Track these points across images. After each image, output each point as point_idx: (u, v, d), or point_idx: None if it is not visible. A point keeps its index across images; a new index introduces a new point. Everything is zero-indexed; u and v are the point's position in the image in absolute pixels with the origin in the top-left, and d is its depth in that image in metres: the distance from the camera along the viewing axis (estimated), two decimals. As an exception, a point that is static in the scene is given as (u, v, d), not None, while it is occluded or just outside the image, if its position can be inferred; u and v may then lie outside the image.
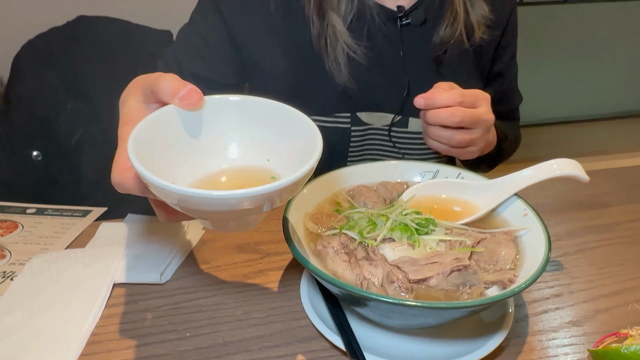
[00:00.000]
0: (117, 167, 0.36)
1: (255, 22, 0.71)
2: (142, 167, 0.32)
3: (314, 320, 0.45)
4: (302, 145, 0.37)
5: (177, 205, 0.33)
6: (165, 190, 0.31)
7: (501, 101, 0.78)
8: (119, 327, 0.47)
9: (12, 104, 1.03)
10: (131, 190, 0.36)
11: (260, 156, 0.40)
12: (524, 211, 0.49)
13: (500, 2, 0.74)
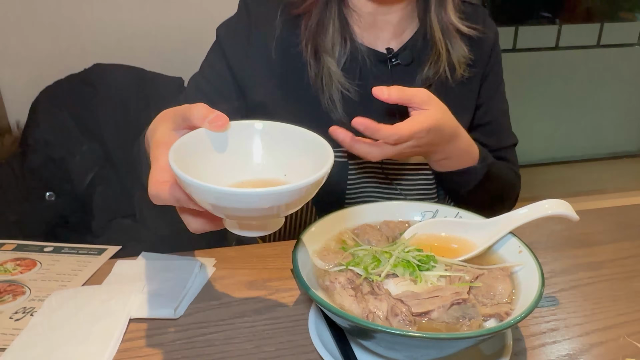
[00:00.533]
0: (153, 182, 0.43)
1: (257, 68, 0.77)
2: (182, 172, 0.38)
3: (322, 353, 0.47)
4: (315, 161, 0.43)
5: (210, 204, 0.39)
6: (202, 188, 0.37)
7: (489, 134, 0.83)
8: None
9: (29, 147, 1.08)
10: (166, 201, 0.42)
11: (278, 171, 0.47)
12: (519, 248, 0.52)
13: (480, 43, 0.79)
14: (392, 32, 0.78)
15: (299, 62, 0.75)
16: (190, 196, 0.40)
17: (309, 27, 0.74)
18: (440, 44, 0.74)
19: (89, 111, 1.12)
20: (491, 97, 0.84)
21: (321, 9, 0.74)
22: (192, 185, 0.37)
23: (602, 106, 2.00)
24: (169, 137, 0.45)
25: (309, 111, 0.75)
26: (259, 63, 0.77)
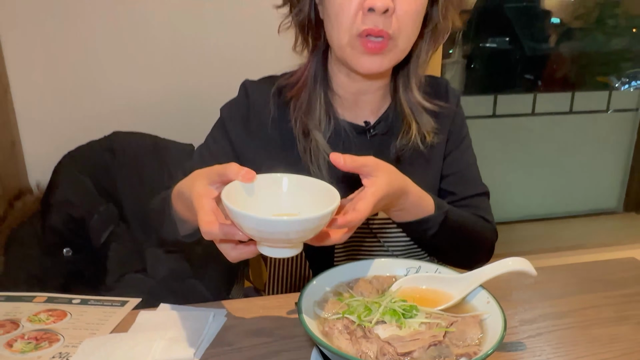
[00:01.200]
0: (204, 223, 0.55)
1: (255, 142, 0.88)
2: (233, 205, 0.52)
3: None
4: (324, 202, 0.56)
5: (256, 229, 0.52)
6: (247, 217, 0.51)
7: (455, 184, 0.92)
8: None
9: (51, 207, 1.18)
10: (216, 236, 0.55)
11: (297, 208, 0.59)
12: (487, 299, 0.61)
13: (444, 114, 0.90)
14: (370, 109, 0.90)
15: (291, 137, 0.86)
16: (239, 226, 0.53)
17: (299, 108, 0.85)
18: (410, 118, 0.86)
19: (107, 174, 1.22)
20: (455, 150, 0.94)
21: (309, 93, 0.86)
22: (245, 217, 0.51)
23: (578, 166, 2.14)
24: (206, 190, 0.59)
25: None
26: (256, 139, 0.88)
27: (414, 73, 0.86)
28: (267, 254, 0.57)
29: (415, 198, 0.76)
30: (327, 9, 0.78)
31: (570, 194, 2.17)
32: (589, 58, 2.33)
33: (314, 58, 0.87)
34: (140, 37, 1.37)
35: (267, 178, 0.61)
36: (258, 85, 0.91)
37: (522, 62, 2.26)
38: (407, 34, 0.77)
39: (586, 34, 2.37)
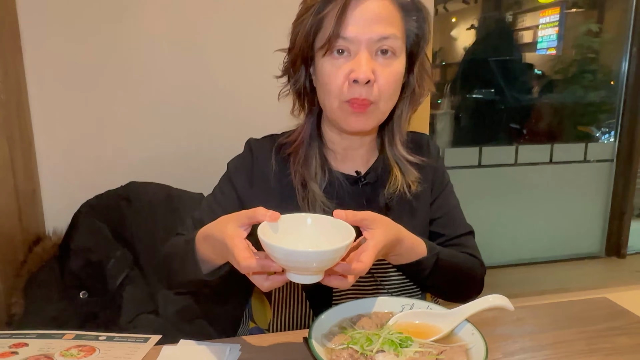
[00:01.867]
0: (242, 259, 0.65)
1: (258, 193, 0.98)
2: (269, 240, 0.63)
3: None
4: (341, 236, 0.68)
5: (281, 259, 0.64)
6: (279, 249, 0.63)
7: (443, 225, 1.02)
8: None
9: (71, 251, 1.26)
10: (253, 268, 0.65)
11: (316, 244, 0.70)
12: (472, 331, 0.71)
13: (426, 165, 1.02)
14: (360, 162, 1.01)
15: (290, 188, 0.96)
16: (274, 258, 0.64)
17: (297, 162, 0.97)
18: (396, 169, 0.98)
19: (124, 221, 1.32)
20: (440, 197, 1.05)
21: (306, 149, 0.97)
22: (277, 249, 0.63)
23: (561, 213, 2.25)
24: (238, 232, 0.70)
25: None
26: (260, 191, 0.98)
27: (397, 130, 0.99)
28: (295, 280, 0.68)
29: (409, 244, 0.86)
30: (319, 80, 0.91)
31: (554, 240, 2.28)
32: (570, 109, 2.48)
33: (309, 120, 0.99)
34: (155, 98, 1.49)
35: (292, 217, 0.72)
36: (261, 142, 1.03)
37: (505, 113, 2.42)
38: (386, 99, 0.89)
39: (566, 87, 2.53)
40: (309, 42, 0.89)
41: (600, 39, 2.51)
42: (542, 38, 2.68)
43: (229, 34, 1.52)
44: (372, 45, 0.85)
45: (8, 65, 1.30)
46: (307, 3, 0.89)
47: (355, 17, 0.84)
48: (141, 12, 1.45)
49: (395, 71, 0.88)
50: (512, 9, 2.78)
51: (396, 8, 0.88)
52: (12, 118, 1.31)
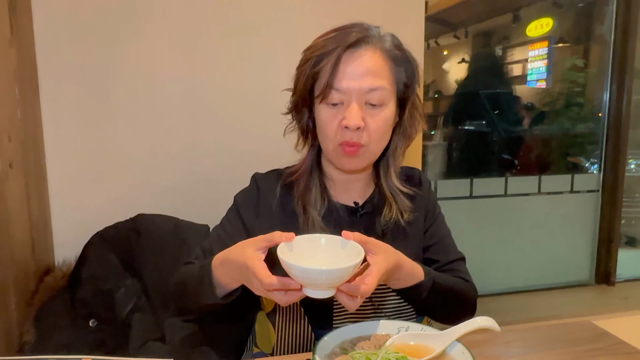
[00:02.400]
0: (264, 277, 0.74)
1: (263, 222, 1.05)
2: (287, 259, 0.72)
3: None
4: (351, 256, 0.77)
5: (297, 276, 0.73)
6: (296, 267, 0.71)
7: (437, 252, 1.09)
8: None
9: (82, 280, 1.32)
10: (274, 285, 0.74)
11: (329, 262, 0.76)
12: (462, 351, 0.78)
13: (419, 197, 1.11)
14: (357, 193, 1.10)
15: (293, 215, 1.04)
16: (291, 275, 0.73)
17: (299, 190, 1.05)
18: (390, 199, 1.06)
19: (132, 252, 1.37)
20: (432, 226, 1.13)
21: (307, 178, 1.06)
22: (295, 267, 0.72)
23: (551, 242, 2.32)
24: (257, 254, 0.79)
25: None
26: (265, 219, 1.05)
27: (392, 163, 1.08)
28: (310, 295, 0.76)
29: (408, 269, 0.94)
30: (317, 124, 1.01)
31: (546, 268, 2.34)
32: (558, 141, 2.58)
33: (311, 154, 1.08)
34: (163, 135, 1.57)
35: (308, 237, 0.82)
36: (266, 176, 1.12)
37: (496, 145, 2.52)
38: (376, 142, 0.99)
39: (554, 119, 2.64)
40: (307, 90, 0.99)
41: (585, 74, 2.64)
42: (531, 70, 2.80)
43: (237, 73, 1.61)
44: (361, 96, 0.95)
45: (27, 108, 1.39)
46: (306, 55, 0.99)
47: (347, 71, 0.93)
48: (150, 57, 1.55)
49: (384, 118, 0.97)
50: (502, 43, 2.91)
51: (386, 61, 0.97)
52: (29, 155, 1.39)
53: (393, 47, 0.99)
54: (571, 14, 2.71)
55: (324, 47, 0.95)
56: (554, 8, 2.71)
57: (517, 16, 2.77)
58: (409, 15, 1.74)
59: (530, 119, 2.71)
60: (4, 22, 1.26)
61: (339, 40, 0.94)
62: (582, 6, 2.64)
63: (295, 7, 1.63)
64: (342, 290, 0.78)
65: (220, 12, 1.58)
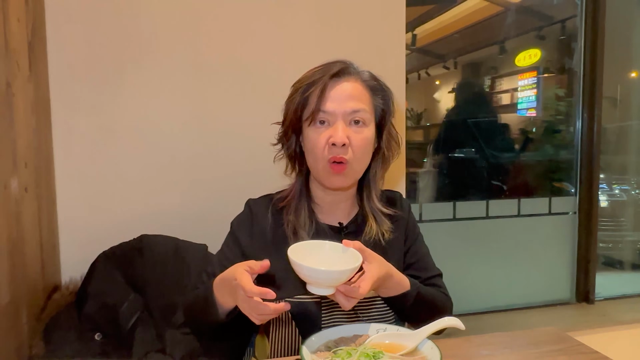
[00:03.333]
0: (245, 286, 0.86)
1: (257, 242, 1.15)
2: (296, 259, 0.85)
3: (319, 410, 0.80)
4: (350, 261, 0.89)
5: (303, 274, 0.86)
6: (302, 266, 0.84)
7: (418, 269, 1.19)
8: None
9: (88, 296, 1.42)
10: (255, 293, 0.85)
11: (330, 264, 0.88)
12: (432, 346, 0.89)
13: (399, 217, 1.23)
14: (342, 214, 1.21)
15: (284, 237, 1.13)
16: (298, 273, 0.86)
17: (289, 214, 1.16)
18: (372, 220, 1.18)
19: (135, 270, 1.48)
20: (413, 245, 1.25)
21: (296, 202, 1.17)
22: (301, 266, 0.84)
23: (532, 262, 2.43)
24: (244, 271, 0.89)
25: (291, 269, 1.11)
26: (259, 241, 1.15)
27: (373, 186, 1.20)
28: (313, 291, 0.88)
29: (397, 279, 1.06)
30: (306, 145, 1.13)
31: (527, 288, 2.44)
32: (543, 166, 2.70)
33: (299, 179, 1.20)
34: (164, 161, 1.70)
35: (316, 243, 0.96)
36: (258, 201, 1.23)
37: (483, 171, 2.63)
38: (359, 160, 1.11)
39: (537, 146, 2.76)
40: (297, 116, 1.12)
41: (565, 103, 2.79)
42: (521, 100, 2.92)
43: (231, 109, 1.76)
44: (346, 117, 1.08)
45: (41, 138, 1.52)
46: (296, 86, 1.13)
47: (332, 96, 1.08)
48: (153, 93, 1.69)
49: (366, 137, 1.10)
50: (490, 73, 3.05)
51: (365, 89, 1.12)
52: (41, 180, 1.50)
53: (370, 79, 1.14)
54: (554, 46, 2.86)
55: (311, 77, 1.09)
56: (537, 40, 2.85)
57: (503, 48, 2.90)
58: (391, 52, 1.90)
59: (515, 145, 2.83)
60: (23, 61, 1.40)
61: (324, 71, 1.09)
62: (563, 39, 2.80)
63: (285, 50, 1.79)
64: (340, 291, 0.89)
65: (216, 56, 1.74)
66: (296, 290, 1.12)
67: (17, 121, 1.35)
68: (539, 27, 2.85)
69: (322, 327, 1.13)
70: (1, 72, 1.27)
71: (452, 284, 1.27)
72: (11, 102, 1.32)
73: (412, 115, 3.05)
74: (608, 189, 3.03)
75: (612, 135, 2.96)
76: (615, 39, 2.59)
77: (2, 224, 1.25)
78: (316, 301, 1.12)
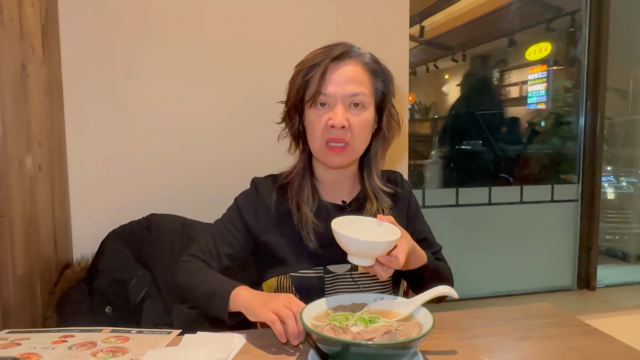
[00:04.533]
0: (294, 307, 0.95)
1: (262, 220, 1.19)
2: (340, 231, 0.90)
3: (317, 369, 0.85)
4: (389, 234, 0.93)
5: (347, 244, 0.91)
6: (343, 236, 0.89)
7: (425, 247, 1.19)
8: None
9: (98, 272, 1.48)
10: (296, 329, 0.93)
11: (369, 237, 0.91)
12: (425, 313, 0.93)
13: (400, 196, 1.27)
14: (344, 192, 1.24)
15: (288, 214, 1.17)
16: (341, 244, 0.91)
17: (293, 190, 1.20)
18: (372, 198, 1.21)
19: (144, 247, 1.53)
20: (417, 224, 1.29)
21: (300, 180, 1.20)
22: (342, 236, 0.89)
23: (534, 248, 2.45)
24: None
25: (296, 244, 1.17)
26: (264, 218, 1.19)
27: (374, 166, 1.23)
28: (354, 262, 0.93)
29: (419, 253, 1.12)
30: (307, 125, 1.17)
31: (530, 274, 2.47)
32: (550, 158, 2.72)
33: (303, 157, 1.23)
34: (173, 143, 1.75)
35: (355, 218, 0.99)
36: (263, 180, 1.26)
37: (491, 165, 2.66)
38: (359, 141, 1.14)
39: (545, 138, 2.79)
40: (299, 97, 1.15)
41: (572, 94, 2.79)
42: (531, 93, 2.92)
43: (236, 89, 1.81)
44: (346, 100, 1.11)
45: (54, 119, 1.57)
46: (298, 68, 1.16)
47: (333, 79, 1.10)
48: (161, 75, 1.74)
49: (365, 119, 1.14)
50: (499, 66, 3.03)
51: (366, 71, 1.15)
52: (54, 160, 1.56)
53: (371, 61, 1.16)
54: (564, 38, 2.85)
55: (313, 60, 1.12)
56: (547, 32, 2.85)
57: (513, 40, 2.91)
58: (395, 39, 1.93)
59: (523, 137, 2.84)
60: (37, 44, 1.45)
61: (326, 54, 1.12)
62: (572, 31, 2.79)
63: (289, 34, 1.83)
64: (380, 262, 0.94)
65: (224, 37, 1.78)
66: (300, 265, 1.16)
67: (31, 102, 1.40)
68: (548, 19, 2.85)
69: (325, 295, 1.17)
70: (16, 54, 1.32)
71: (454, 269, 1.30)
72: (26, 84, 1.37)
73: (420, 108, 3.06)
74: (615, 181, 3.04)
75: (622, 128, 2.97)
76: (627, 32, 2.59)
77: (18, 200, 1.31)
78: (319, 276, 1.16)
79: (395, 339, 0.83)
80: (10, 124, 1.28)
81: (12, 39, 1.30)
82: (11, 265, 1.25)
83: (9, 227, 1.25)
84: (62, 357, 0.94)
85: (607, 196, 3.00)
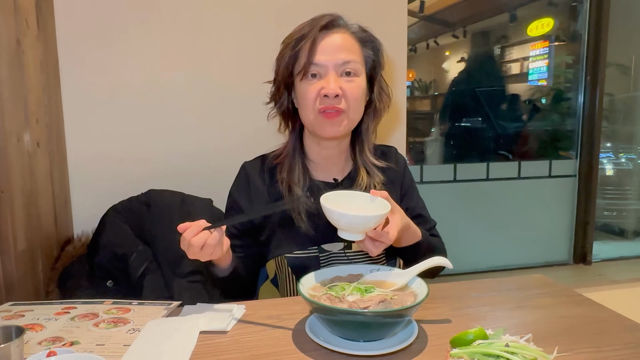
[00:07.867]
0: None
1: (255, 202, 1.19)
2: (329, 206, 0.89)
3: (313, 338, 0.87)
4: (380, 208, 0.92)
5: (337, 219, 0.90)
6: (333, 211, 0.89)
7: (419, 223, 1.19)
8: (202, 351, 0.88)
9: (99, 247, 1.50)
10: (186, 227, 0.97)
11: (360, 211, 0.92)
12: (420, 283, 0.94)
13: (394, 171, 1.26)
14: (337, 170, 1.23)
15: (279, 194, 1.17)
16: (331, 219, 0.91)
17: (283, 171, 1.19)
18: (363, 172, 1.20)
19: (144, 223, 1.55)
20: (412, 200, 1.28)
21: (290, 160, 1.19)
22: (332, 211, 0.89)
23: (531, 223, 2.47)
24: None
25: (287, 224, 1.17)
26: (256, 200, 1.19)
27: (366, 140, 1.22)
28: (344, 237, 0.93)
29: (413, 229, 1.12)
30: (298, 98, 1.15)
31: (526, 248, 2.50)
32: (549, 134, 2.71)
33: (293, 136, 1.22)
34: (172, 120, 1.75)
35: (346, 193, 0.99)
36: (252, 163, 1.26)
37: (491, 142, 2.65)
38: (354, 109, 1.13)
39: (544, 114, 2.78)
40: (289, 71, 1.13)
41: (573, 70, 2.77)
42: (533, 70, 2.88)
43: (233, 67, 1.80)
44: (337, 68, 1.10)
45: (51, 97, 1.57)
46: (286, 41, 1.15)
47: (323, 48, 1.09)
48: (157, 52, 1.73)
49: (358, 86, 1.12)
50: (500, 42, 2.98)
51: (355, 40, 1.14)
52: (52, 137, 1.56)
53: (359, 30, 1.15)
54: (566, 12, 2.81)
55: (300, 31, 1.11)
56: (549, 7, 2.80)
57: (514, 15, 2.85)
58: (393, 15, 1.91)
59: (523, 114, 2.83)
60: (32, 19, 1.44)
61: (313, 24, 1.10)
62: (574, 5, 2.75)
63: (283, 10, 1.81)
64: (370, 236, 0.94)
65: (218, 14, 1.76)
66: (294, 246, 1.17)
67: (28, 78, 1.40)
68: (550, -7, 2.80)
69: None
70: (11, 29, 1.31)
71: (451, 244, 1.32)
72: (21, 60, 1.37)
73: (420, 85, 3.04)
74: (614, 158, 3.04)
75: (623, 104, 2.95)
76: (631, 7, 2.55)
77: (17, 176, 1.32)
78: (314, 255, 1.17)
79: (390, 307, 0.85)
80: (7, 100, 1.28)
81: (6, 13, 1.29)
82: (12, 240, 1.27)
83: (9, 202, 1.26)
84: (65, 327, 0.96)
85: (605, 172, 3.01)
